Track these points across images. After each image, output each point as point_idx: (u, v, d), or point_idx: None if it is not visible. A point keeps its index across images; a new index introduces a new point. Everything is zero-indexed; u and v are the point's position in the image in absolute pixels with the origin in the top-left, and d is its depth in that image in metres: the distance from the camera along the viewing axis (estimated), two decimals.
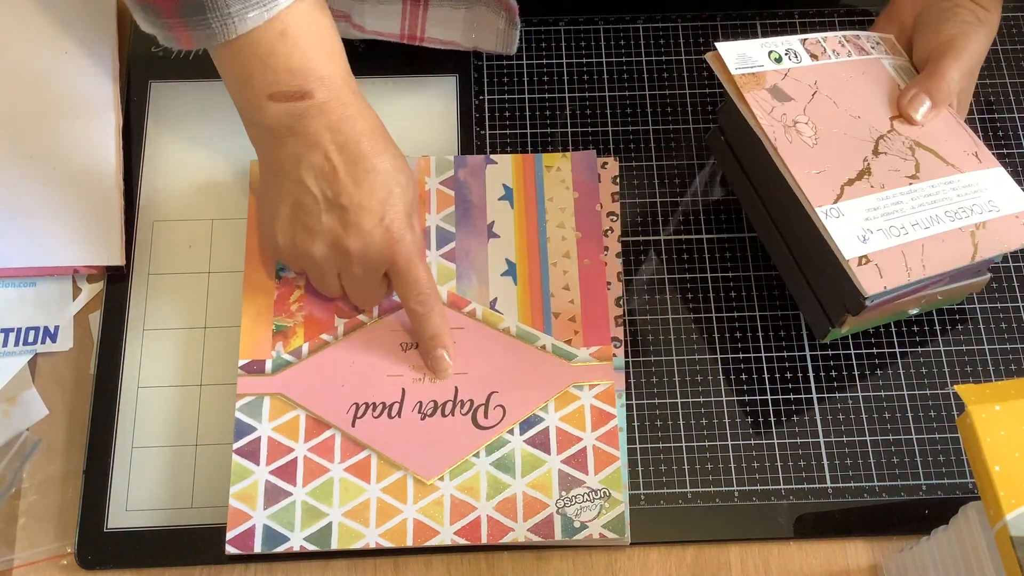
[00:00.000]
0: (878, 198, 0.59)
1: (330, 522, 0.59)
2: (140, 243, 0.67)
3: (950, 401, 0.64)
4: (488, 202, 0.67)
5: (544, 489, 0.60)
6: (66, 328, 0.65)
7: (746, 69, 0.63)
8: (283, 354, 0.63)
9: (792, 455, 0.63)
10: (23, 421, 0.63)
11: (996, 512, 0.46)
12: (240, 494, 0.59)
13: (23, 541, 0.60)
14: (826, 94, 0.63)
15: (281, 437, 0.61)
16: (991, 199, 0.61)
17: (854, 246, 0.57)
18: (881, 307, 0.61)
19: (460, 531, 0.59)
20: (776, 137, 0.60)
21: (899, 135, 0.63)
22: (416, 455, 0.60)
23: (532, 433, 0.61)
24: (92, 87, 0.69)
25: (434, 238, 0.66)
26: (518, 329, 0.64)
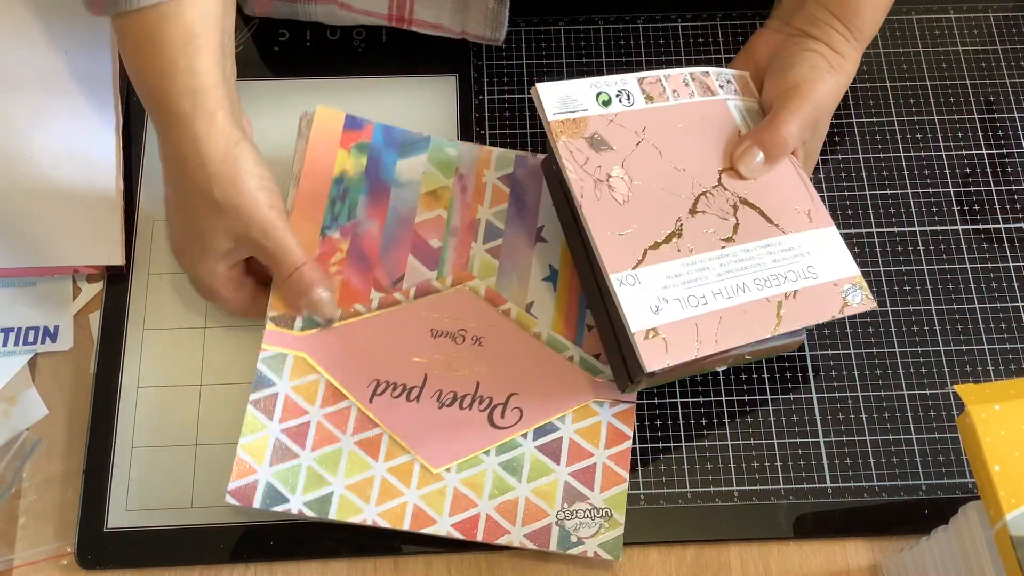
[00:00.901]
0: (683, 263, 0.57)
1: (332, 492, 0.58)
2: (140, 243, 0.67)
3: (950, 401, 0.64)
4: (542, 206, 0.66)
5: (547, 498, 0.60)
6: (66, 328, 0.65)
7: (566, 114, 0.59)
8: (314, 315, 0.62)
9: (792, 455, 0.63)
10: (23, 421, 0.63)
11: (996, 512, 0.46)
12: (249, 446, 0.59)
13: (23, 541, 0.60)
14: (652, 143, 0.60)
15: (298, 398, 0.60)
16: (811, 264, 0.59)
17: (644, 317, 0.55)
18: (679, 368, 0.57)
19: (458, 524, 0.59)
20: (584, 193, 0.58)
21: (724, 191, 0.60)
22: (427, 442, 0.60)
23: (545, 440, 0.61)
24: (92, 87, 0.69)
25: (482, 232, 0.65)
26: (549, 336, 0.63)
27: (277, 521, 0.61)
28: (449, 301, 0.63)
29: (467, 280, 0.64)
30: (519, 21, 0.74)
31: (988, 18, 0.75)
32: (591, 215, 0.58)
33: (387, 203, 0.65)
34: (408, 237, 0.65)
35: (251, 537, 0.60)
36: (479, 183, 0.67)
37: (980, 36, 0.75)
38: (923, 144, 0.71)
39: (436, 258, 0.64)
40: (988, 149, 0.71)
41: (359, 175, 0.65)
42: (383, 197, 0.65)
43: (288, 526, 0.61)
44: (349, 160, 0.65)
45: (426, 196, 0.66)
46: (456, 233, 0.65)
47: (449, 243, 0.65)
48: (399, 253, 0.64)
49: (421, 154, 0.67)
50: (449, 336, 0.62)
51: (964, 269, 0.68)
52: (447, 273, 0.64)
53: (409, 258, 0.64)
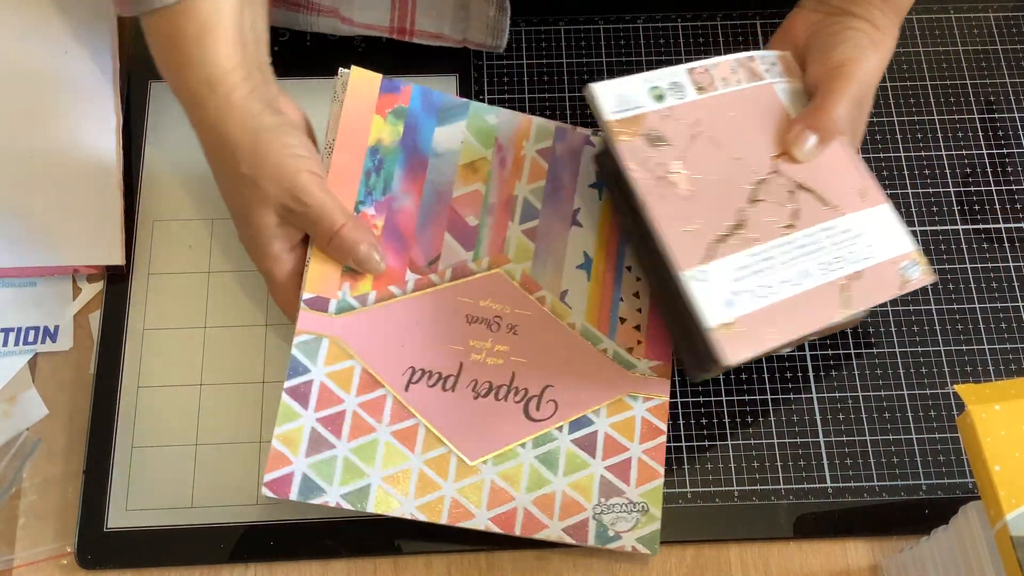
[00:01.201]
0: (749, 255, 0.57)
1: (369, 483, 0.57)
2: (140, 243, 0.67)
3: (950, 401, 0.64)
4: (578, 186, 0.65)
5: (584, 492, 0.59)
6: (66, 328, 0.65)
7: (623, 112, 0.59)
8: (348, 296, 0.60)
9: (792, 455, 0.63)
10: (23, 421, 0.63)
11: (996, 512, 0.46)
12: (284, 436, 0.57)
13: (23, 541, 0.60)
14: (708, 135, 0.60)
15: (334, 385, 0.59)
16: (869, 244, 0.59)
17: (719, 312, 0.55)
18: None
19: (496, 518, 0.58)
20: (648, 191, 0.57)
21: (781, 177, 0.60)
22: (463, 434, 0.59)
23: (581, 434, 0.60)
24: (92, 87, 0.69)
25: (519, 211, 0.64)
26: (583, 328, 0.62)
27: (277, 521, 0.61)
28: (484, 285, 0.62)
29: (503, 263, 0.63)
30: (519, 21, 0.74)
31: (988, 18, 0.75)
32: (657, 213, 0.57)
33: (424, 176, 0.64)
34: (445, 214, 0.63)
35: (251, 537, 0.60)
36: (518, 156, 0.65)
37: (980, 36, 0.75)
38: (923, 144, 0.71)
39: (473, 237, 0.63)
40: (988, 149, 0.71)
41: (395, 144, 0.63)
42: (420, 169, 0.64)
43: (288, 526, 0.61)
44: (385, 128, 0.63)
45: (464, 168, 0.64)
46: (493, 211, 0.64)
47: (486, 221, 0.64)
48: (435, 230, 0.63)
49: (460, 121, 0.65)
50: (484, 323, 0.61)
51: (964, 269, 0.68)
52: (483, 254, 0.63)
53: (445, 236, 0.63)
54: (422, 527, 0.60)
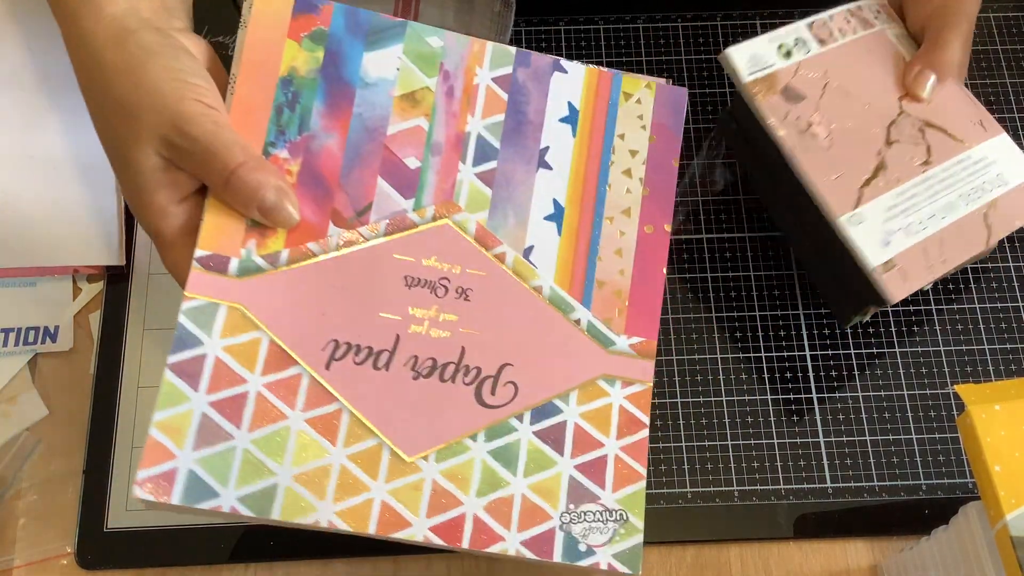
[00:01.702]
0: (895, 194, 0.59)
1: (275, 484, 0.47)
2: (140, 243, 0.67)
3: (950, 401, 0.64)
4: (547, 121, 0.55)
5: (549, 496, 0.50)
6: (66, 328, 0.65)
7: (758, 72, 0.61)
8: (254, 255, 0.49)
9: (792, 455, 0.63)
10: (23, 421, 0.63)
11: (996, 512, 0.46)
12: (166, 424, 0.46)
13: (23, 541, 0.60)
14: (837, 85, 0.62)
15: (232, 361, 0.48)
16: (999, 172, 0.61)
17: (878, 252, 0.58)
18: None
19: (437, 528, 0.48)
20: (793, 145, 0.60)
21: (909, 117, 0.62)
22: (399, 422, 0.49)
23: (545, 425, 0.51)
24: None
25: (472, 150, 0.54)
26: (552, 292, 0.52)
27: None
28: (428, 240, 0.52)
29: (452, 212, 0.53)
30: (519, 21, 0.74)
31: (988, 18, 0.75)
32: (806, 166, 0.59)
33: (350, 110, 0.53)
34: (377, 154, 0.52)
35: (251, 537, 0.60)
36: (469, 85, 0.54)
37: (980, 36, 0.75)
38: None
39: (413, 182, 0.53)
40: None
41: (313, 74, 0.52)
42: (345, 102, 0.53)
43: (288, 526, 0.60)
44: (300, 55, 0.52)
45: (401, 100, 0.53)
46: (439, 151, 0.53)
47: (430, 163, 0.53)
48: (366, 174, 0.52)
49: (395, 44, 0.54)
50: (428, 286, 0.51)
51: (964, 269, 0.67)
52: (427, 202, 0.52)
53: (378, 181, 0.52)
54: None
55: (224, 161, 0.48)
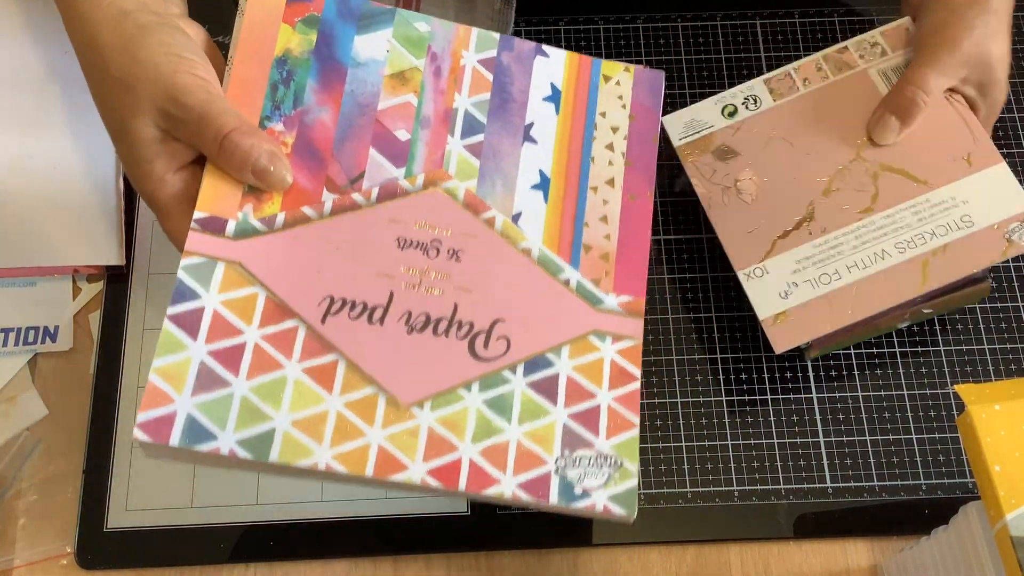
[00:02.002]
0: (814, 245, 0.60)
1: (273, 428, 0.48)
2: (140, 243, 0.67)
3: (950, 401, 0.64)
4: (531, 100, 0.57)
5: (544, 443, 0.50)
6: (66, 328, 0.65)
7: (692, 136, 0.64)
8: (251, 218, 0.51)
9: (792, 455, 0.63)
10: (23, 421, 0.63)
11: (996, 512, 0.46)
12: (165, 371, 0.48)
13: (23, 541, 0.60)
14: (782, 137, 0.63)
15: (230, 314, 0.49)
16: (965, 214, 0.59)
17: (772, 304, 0.59)
18: (852, 330, 0.61)
19: (435, 471, 0.49)
20: (710, 204, 0.62)
21: (864, 162, 0.61)
22: (394, 372, 0.50)
23: (538, 377, 0.51)
24: None
25: (460, 124, 0.56)
26: (541, 254, 0.54)
27: (277, 521, 0.60)
28: (420, 205, 0.53)
29: (442, 180, 0.54)
30: (519, 21, 0.74)
31: None
32: (717, 221, 0.62)
33: (342, 87, 0.55)
34: (369, 127, 0.54)
35: (251, 537, 0.60)
36: (456, 65, 0.57)
37: None
38: None
39: (404, 152, 0.54)
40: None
41: (307, 55, 0.55)
42: (337, 80, 0.55)
43: (288, 526, 0.61)
44: (295, 38, 0.55)
45: (391, 79, 0.56)
46: (428, 124, 0.55)
47: (420, 135, 0.55)
48: (358, 146, 0.54)
49: (384, 29, 0.56)
50: (420, 248, 0.52)
51: None
52: (417, 171, 0.54)
53: (371, 152, 0.54)
54: (419, 526, 0.60)
55: (218, 127, 0.49)
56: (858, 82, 0.64)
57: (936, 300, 0.62)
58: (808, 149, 0.63)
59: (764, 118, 0.64)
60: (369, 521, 0.60)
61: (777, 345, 0.58)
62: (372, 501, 0.61)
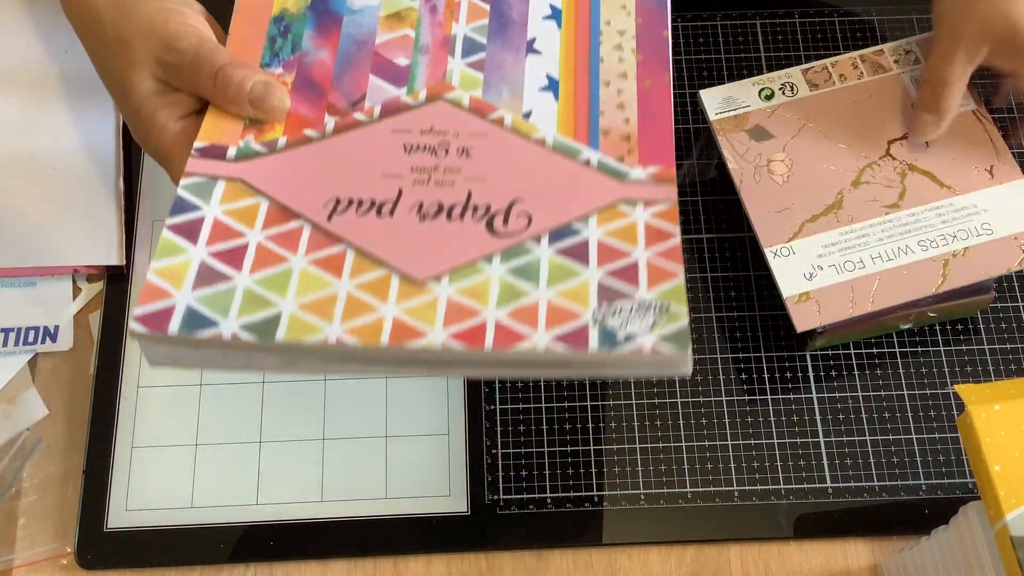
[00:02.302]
0: (841, 232, 0.62)
1: (278, 313, 0.46)
2: (140, 243, 0.67)
3: (950, 401, 0.64)
4: (531, 20, 0.56)
5: (579, 299, 0.46)
6: (66, 328, 0.65)
7: (728, 113, 0.65)
8: (253, 144, 0.51)
9: (792, 455, 0.63)
10: (23, 421, 0.63)
11: (996, 512, 0.46)
12: (163, 270, 0.46)
13: (23, 541, 0.60)
14: (815, 126, 0.65)
15: (231, 221, 0.49)
16: (986, 222, 0.61)
17: (797, 283, 0.60)
18: (861, 323, 0.62)
19: (457, 335, 0.45)
20: (743, 180, 0.64)
21: (892, 160, 0.64)
22: (407, 253, 0.48)
23: (565, 244, 0.48)
24: (92, 87, 0.69)
25: (459, 47, 0.55)
26: (556, 141, 0.52)
27: (277, 521, 0.60)
28: (425, 115, 0.53)
29: (445, 91, 0.53)
30: None
31: None
32: (748, 197, 0.63)
33: (339, 31, 0.55)
34: (367, 59, 0.54)
35: (251, 537, 0.60)
36: (451, 1, 0.57)
37: None
38: None
39: (405, 74, 0.54)
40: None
41: (302, 11, 0.56)
42: (334, 26, 0.55)
43: (288, 526, 0.61)
44: None
45: (387, 19, 0.56)
46: (427, 51, 0.55)
47: (420, 60, 0.55)
48: (357, 75, 0.54)
49: None
50: (428, 150, 0.51)
51: None
52: (419, 87, 0.54)
53: (370, 78, 0.54)
54: (419, 526, 0.60)
55: (211, 63, 0.51)
56: (891, 84, 0.66)
57: (942, 305, 0.63)
58: (840, 141, 0.64)
59: (800, 105, 0.66)
60: (369, 521, 0.61)
61: (799, 324, 0.60)
62: (372, 501, 0.61)
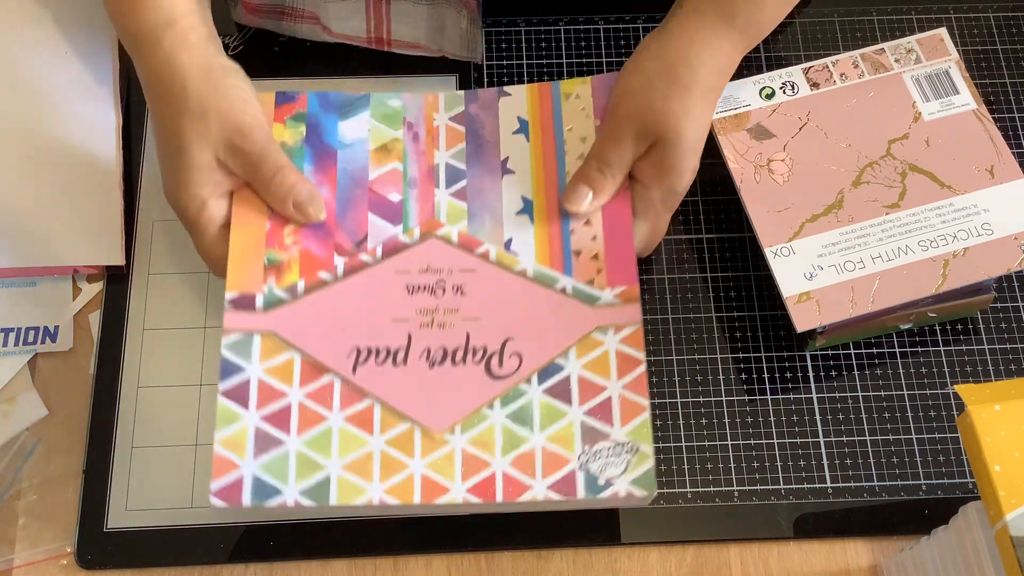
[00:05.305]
0: (841, 232, 0.62)
1: (328, 475, 0.54)
2: (140, 243, 0.67)
3: (950, 401, 0.64)
4: (502, 137, 0.63)
5: (565, 443, 0.55)
6: (66, 328, 0.65)
7: (728, 112, 0.65)
8: (276, 290, 0.58)
9: (792, 455, 0.63)
10: (23, 421, 0.63)
11: (996, 512, 0.46)
12: (227, 440, 0.54)
13: (23, 541, 0.60)
14: (816, 125, 0.65)
15: (273, 380, 0.56)
16: (986, 222, 0.61)
17: (797, 283, 0.60)
18: (861, 323, 0.62)
19: (473, 488, 0.54)
20: (743, 179, 0.64)
21: (893, 160, 0.64)
22: (424, 405, 0.56)
23: (552, 383, 0.57)
24: (92, 87, 0.69)
25: (443, 176, 0.62)
26: (535, 271, 0.59)
27: (277, 521, 0.60)
28: (420, 254, 0.60)
29: (436, 228, 0.60)
30: (519, 21, 0.74)
31: (988, 18, 0.75)
32: (748, 197, 0.63)
33: (335, 167, 0.62)
34: (364, 196, 0.61)
35: (251, 537, 0.60)
36: (430, 128, 0.63)
37: (980, 36, 0.75)
38: None
39: (398, 211, 0.61)
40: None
41: (299, 144, 0.62)
42: (329, 161, 0.62)
43: (288, 526, 0.61)
44: (286, 132, 0.62)
45: (376, 152, 0.63)
46: (415, 183, 0.62)
47: (410, 195, 0.61)
48: (357, 214, 0.61)
49: (363, 112, 0.64)
50: (427, 290, 0.59)
51: None
52: (413, 225, 0.61)
53: (369, 216, 0.61)
54: (419, 526, 0.60)
55: (274, 161, 0.59)
56: (892, 84, 0.66)
57: (942, 305, 0.63)
58: (841, 140, 0.64)
59: (800, 104, 0.66)
60: (369, 521, 0.60)
61: (799, 324, 0.60)
62: None
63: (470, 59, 0.71)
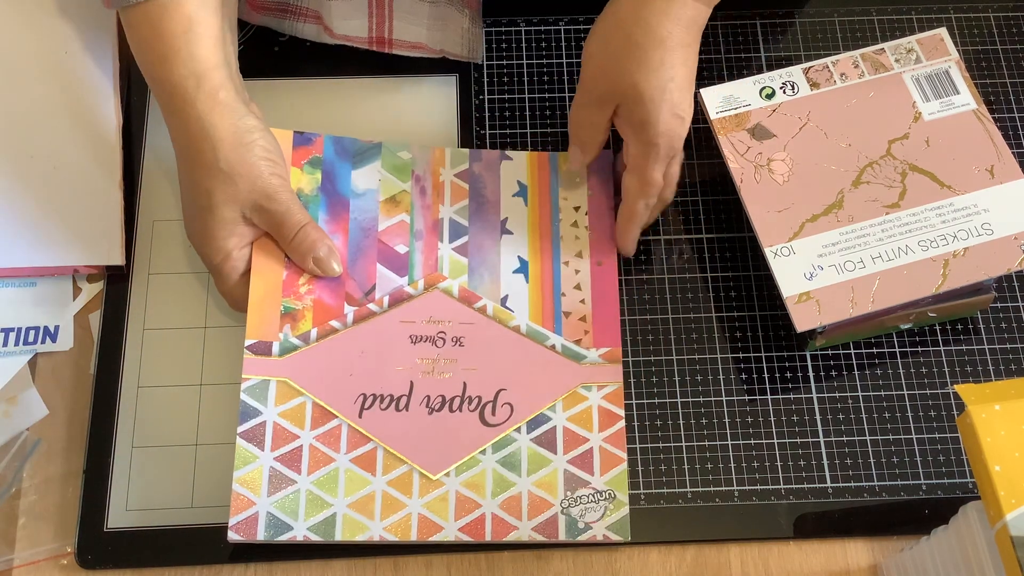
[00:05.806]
0: (841, 232, 0.62)
1: (334, 513, 0.59)
2: (140, 243, 0.67)
3: (950, 401, 0.64)
4: (502, 198, 0.68)
5: (550, 489, 0.60)
6: (66, 328, 0.65)
7: (728, 111, 0.66)
8: (291, 337, 0.62)
9: (792, 455, 0.63)
10: (23, 421, 0.63)
11: (996, 512, 0.46)
12: (244, 479, 0.58)
13: (23, 541, 0.60)
14: (816, 125, 0.65)
15: (287, 423, 0.60)
16: (986, 222, 0.62)
17: (797, 283, 0.61)
18: (861, 323, 0.62)
19: (464, 528, 0.59)
20: (743, 179, 0.64)
21: (893, 159, 0.64)
22: (423, 450, 0.60)
23: (539, 432, 0.61)
24: (92, 87, 0.69)
25: (447, 231, 0.66)
26: (528, 328, 0.64)
27: None
28: (424, 305, 0.64)
29: (439, 281, 0.65)
30: (519, 21, 0.74)
31: (988, 18, 0.75)
32: (748, 197, 0.63)
33: (347, 216, 0.66)
34: (373, 246, 0.65)
35: None
36: (437, 182, 0.68)
37: (980, 36, 0.75)
38: None
39: (405, 263, 0.65)
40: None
41: (315, 192, 0.66)
42: (343, 211, 0.66)
43: None
44: (304, 178, 0.66)
45: (386, 203, 0.67)
46: (421, 236, 0.66)
47: (416, 247, 0.66)
48: (367, 264, 0.65)
49: (374, 161, 0.67)
50: (429, 340, 0.63)
51: None
52: (418, 276, 0.65)
53: (378, 267, 0.65)
54: None
55: (296, 220, 0.62)
56: (892, 84, 0.66)
57: (942, 305, 0.63)
58: (841, 140, 0.64)
59: (801, 104, 0.66)
60: None
61: (799, 324, 0.60)
62: None
63: (470, 59, 0.71)
